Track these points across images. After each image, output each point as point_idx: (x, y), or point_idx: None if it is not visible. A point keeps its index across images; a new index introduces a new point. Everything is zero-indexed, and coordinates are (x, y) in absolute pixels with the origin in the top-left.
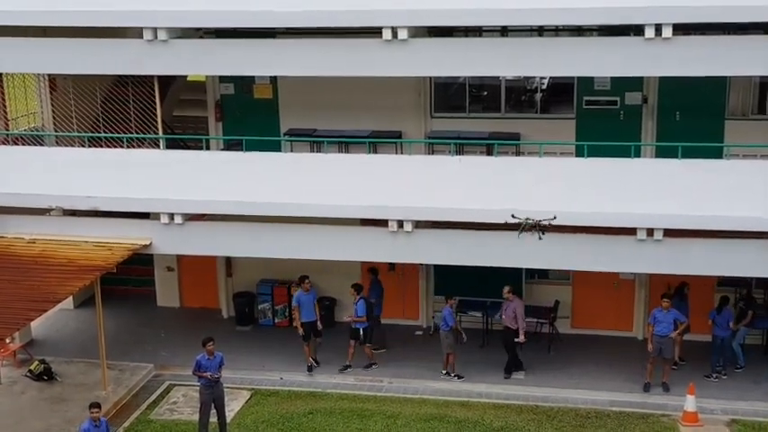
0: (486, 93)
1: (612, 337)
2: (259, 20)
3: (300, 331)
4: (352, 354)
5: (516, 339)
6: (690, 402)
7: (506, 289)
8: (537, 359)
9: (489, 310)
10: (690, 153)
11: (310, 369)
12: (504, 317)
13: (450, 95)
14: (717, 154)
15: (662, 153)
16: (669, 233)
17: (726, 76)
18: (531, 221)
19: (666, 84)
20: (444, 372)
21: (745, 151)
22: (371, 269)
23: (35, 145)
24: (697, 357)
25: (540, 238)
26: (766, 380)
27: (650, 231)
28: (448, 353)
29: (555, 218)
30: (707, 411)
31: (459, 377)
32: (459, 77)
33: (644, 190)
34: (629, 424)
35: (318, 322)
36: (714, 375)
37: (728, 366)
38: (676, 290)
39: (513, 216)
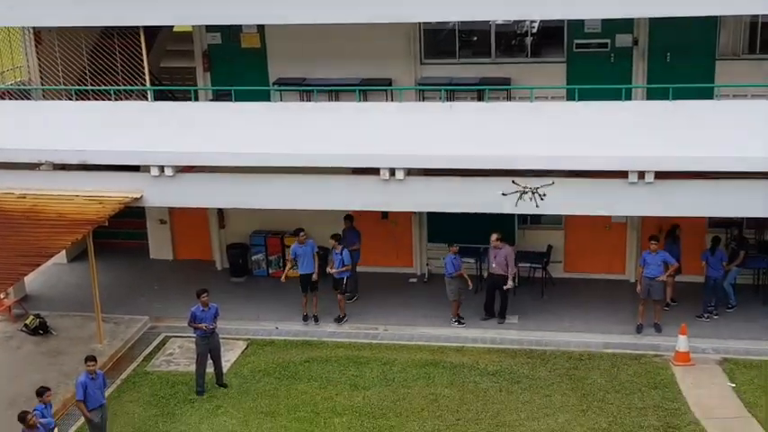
0: (476, 38)
1: (605, 280)
2: None
3: (283, 279)
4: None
5: (505, 287)
6: (682, 342)
7: (494, 237)
8: (530, 303)
9: (482, 257)
10: (681, 94)
11: (305, 319)
12: (494, 264)
13: (439, 41)
14: (708, 94)
15: (653, 95)
16: (660, 175)
17: (716, 16)
18: (528, 189)
19: (657, 25)
20: (457, 320)
21: (736, 91)
22: (347, 216)
23: (22, 99)
24: (689, 298)
25: (537, 206)
26: (758, 319)
27: (641, 174)
28: (453, 300)
29: (552, 183)
30: (699, 351)
31: (461, 322)
32: (448, 22)
33: (634, 132)
34: (622, 365)
35: (314, 275)
36: (706, 315)
37: (720, 306)
38: (668, 232)
39: (513, 182)
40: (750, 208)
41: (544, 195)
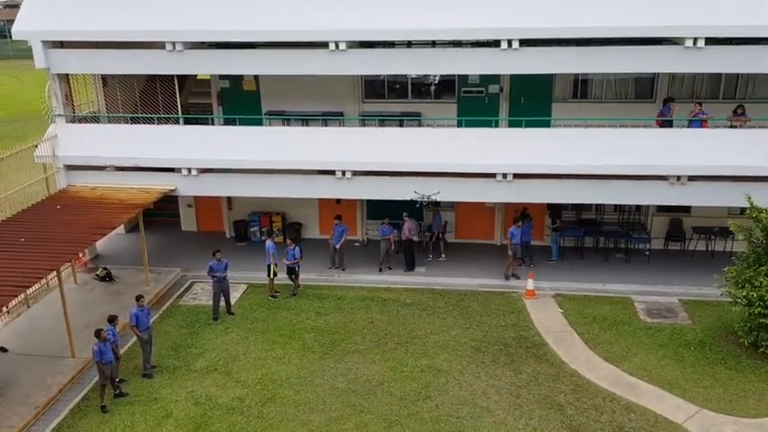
0: (398, 85)
1: (481, 244)
2: (245, 36)
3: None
4: (297, 283)
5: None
6: (530, 284)
7: (405, 214)
8: (433, 259)
9: (401, 228)
10: (530, 124)
11: (274, 297)
12: (406, 232)
13: (375, 87)
14: (547, 124)
15: (512, 124)
16: (517, 176)
17: (552, 74)
18: (424, 196)
19: (515, 78)
20: (379, 269)
21: (566, 123)
22: (337, 216)
23: (94, 123)
24: (534, 254)
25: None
26: (577, 269)
27: (504, 175)
28: (382, 255)
29: (438, 192)
30: (540, 289)
31: (390, 268)
32: (380, 75)
33: (501, 148)
34: (493, 298)
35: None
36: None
37: (541, 261)
38: (521, 213)
39: (415, 192)
40: (565, 197)
41: (434, 195)
